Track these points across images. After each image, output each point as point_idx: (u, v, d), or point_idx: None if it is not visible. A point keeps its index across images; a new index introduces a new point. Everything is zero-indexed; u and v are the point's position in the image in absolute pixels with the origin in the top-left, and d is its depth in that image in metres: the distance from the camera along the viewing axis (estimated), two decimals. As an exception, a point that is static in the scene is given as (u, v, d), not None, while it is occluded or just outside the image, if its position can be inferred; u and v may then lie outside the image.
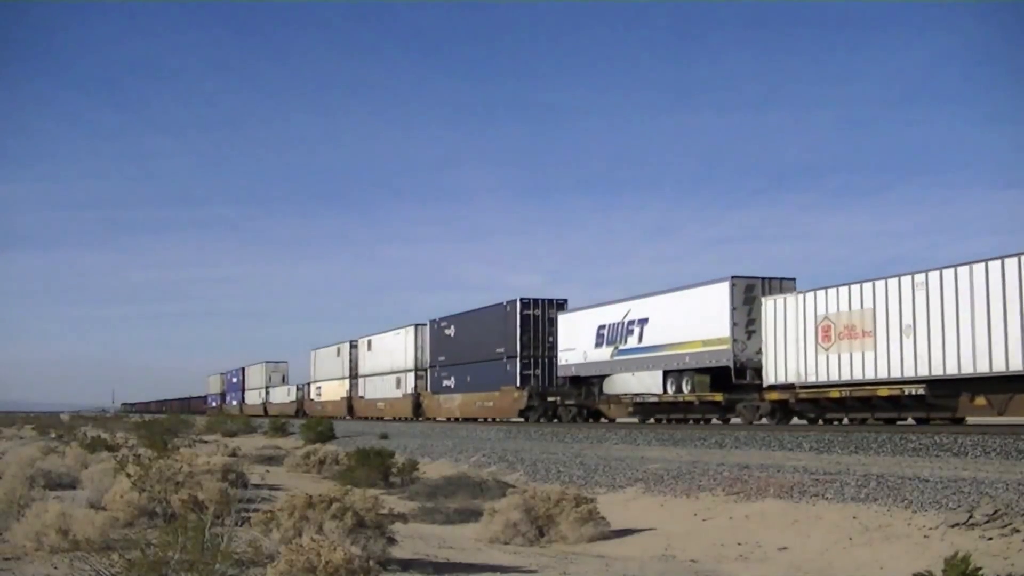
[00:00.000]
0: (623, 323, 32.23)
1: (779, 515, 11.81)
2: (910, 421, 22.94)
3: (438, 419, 45.58)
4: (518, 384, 37.53)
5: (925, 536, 9.83)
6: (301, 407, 71.25)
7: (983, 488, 10.87)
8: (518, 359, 37.80)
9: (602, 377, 33.57)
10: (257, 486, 17.62)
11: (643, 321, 31.09)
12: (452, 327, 44.95)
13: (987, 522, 9.52)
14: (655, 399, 30.52)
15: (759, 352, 26.41)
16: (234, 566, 6.75)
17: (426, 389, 47.73)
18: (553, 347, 37.10)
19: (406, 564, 9.02)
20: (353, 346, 59.95)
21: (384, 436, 31.54)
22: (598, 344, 33.57)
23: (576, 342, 35.01)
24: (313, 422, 39.66)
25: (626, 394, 32.41)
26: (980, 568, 6.76)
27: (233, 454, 25.28)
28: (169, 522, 9.67)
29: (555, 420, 36.56)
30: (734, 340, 26.77)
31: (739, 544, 10.95)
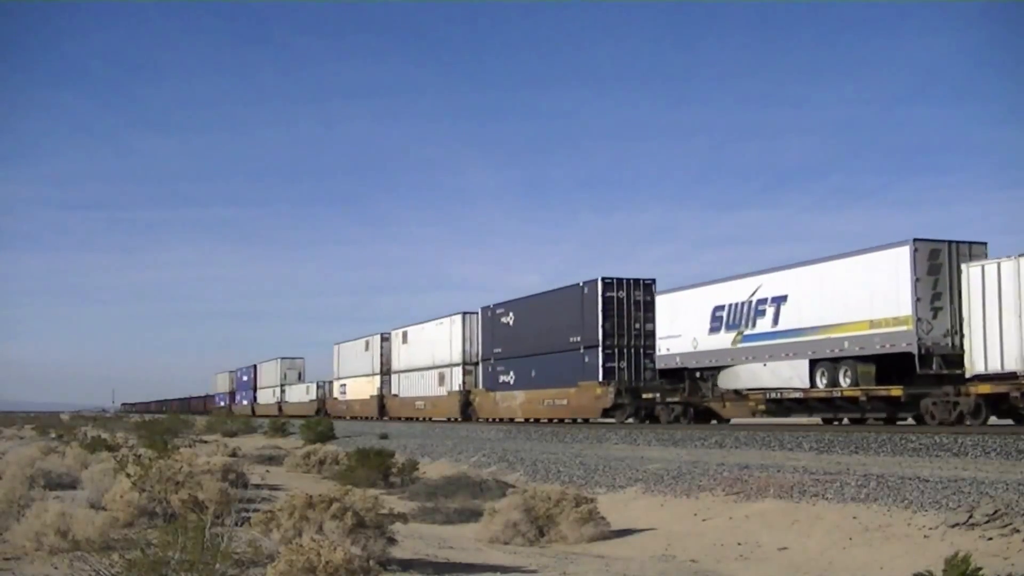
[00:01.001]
0: (750, 303, 26.45)
1: (779, 515, 11.81)
2: (910, 421, 22.66)
3: (493, 420, 39.42)
4: (601, 378, 31.73)
5: (925, 536, 9.83)
6: (322, 407, 65.68)
7: (983, 488, 10.87)
8: (599, 349, 31.91)
9: (717, 369, 27.88)
10: (257, 486, 17.62)
11: (779, 299, 25.40)
12: (511, 314, 38.89)
13: (987, 522, 9.51)
14: (798, 395, 24.84)
15: (948, 333, 21.37)
16: (234, 566, 6.75)
17: (476, 386, 41.98)
18: (641, 335, 31.91)
19: (406, 564, 9.02)
20: (385, 339, 54.00)
21: (384, 436, 31.55)
22: (714, 329, 27.73)
23: (682, 327, 29.10)
24: (313, 422, 39.62)
25: (755, 389, 26.49)
26: (980, 568, 6.76)
27: (233, 454, 25.29)
28: (169, 522, 9.67)
29: (647, 421, 30.87)
30: (918, 319, 21.46)
31: (739, 544, 10.95)
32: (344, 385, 61.38)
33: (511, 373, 38.74)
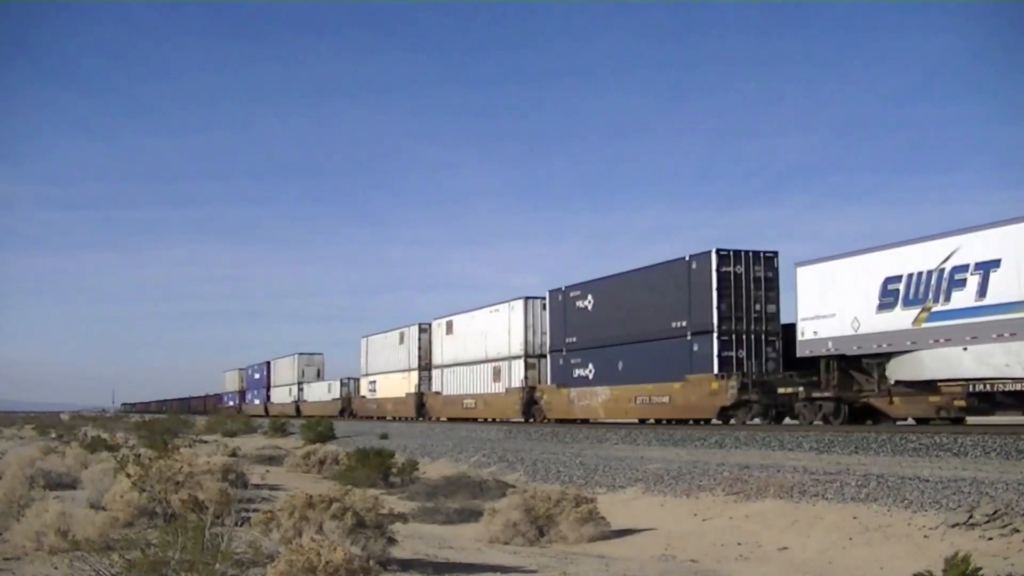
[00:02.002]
0: (942, 271, 21.41)
1: (779, 515, 11.81)
2: (910, 421, 22.42)
3: (568, 420, 33.65)
4: (717, 370, 26.18)
5: (925, 536, 9.83)
6: (348, 406, 60.35)
7: (983, 488, 10.86)
8: (714, 335, 26.31)
9: (887, 356, 22.61)
10: (257, 486, 17.62)
11: (988, 265, 20.46)
12: (590, 298, 32.91)
13: (987, 522, 9.52)
14: (1018, 386, 19.81)
15: None
16: (234, 566, 6.75)
17: (542, 381, 36.07)
18: (762, 318, 26.63)
19: (406, 564, 9.02)
20: (423, 330, 47.88)
21: (384, 436, 31.55)
22: (886, 306, 22.62)
23: (836, 305, 23.83)
24: (313, 422, 39.46)
25: (949, 380, 21.28)
26: (980, 568, 6.75)
27: (233, 454, 25.28)
28: (169, 522, 9.67)
29: (777, 421, 25.53)
30: None
31: (739, 544, 10.95)
32: (373, 382, 55.00)
33: (590, 366, 32.52)
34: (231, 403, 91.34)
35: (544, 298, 36.48)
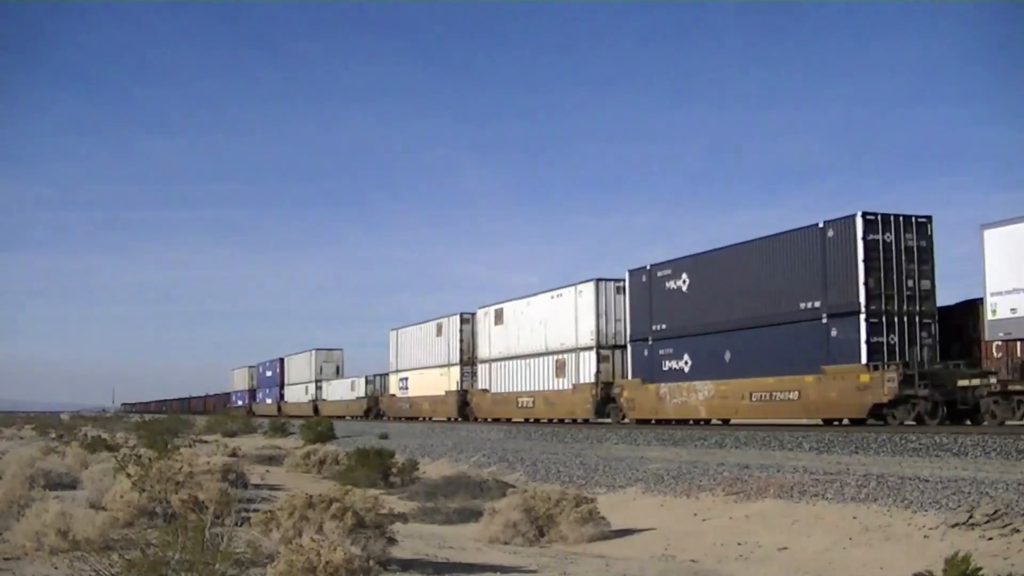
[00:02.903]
0: None
1: (779, 515, 11.81)
2: (910, 421, 22.31)
3: (657, 420, 28.52)
4: (865, 359, 21.67)
5: (925, 536, 9.83)
6: (375, 405, 55.37)
7: (983, 488, 10.87)
8: (861, 317, 21.88)
9: None
10: (257, 486, 17.62)
11: None
12: (684, 277, 27.53)
13: (987, 522, 9.52)
14: None
15: None
16: (234, 566, 6.74)
17: (618, 375, 31.04)
18: (915, 296, 22.16)
19: (406, 564, 9.01)
20: (465, 320, 42.73)
21: (384, 436, 31.54)
22: None
23: None
24: (313, 422, 39.30)
25: None
26: (980, 568, 6.75)
27: (233, 454, 25.27)
28: (169, 522, 9.66)
29: (946, 420, 20.75)
30: None
31: (739, 544, 10.95)
32: (405, 379, 49.38)
33: (685, 357, 27.42)
34: (240, 402, 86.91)
35: (620, 280, 31.30)
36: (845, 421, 23.11)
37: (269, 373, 79.02)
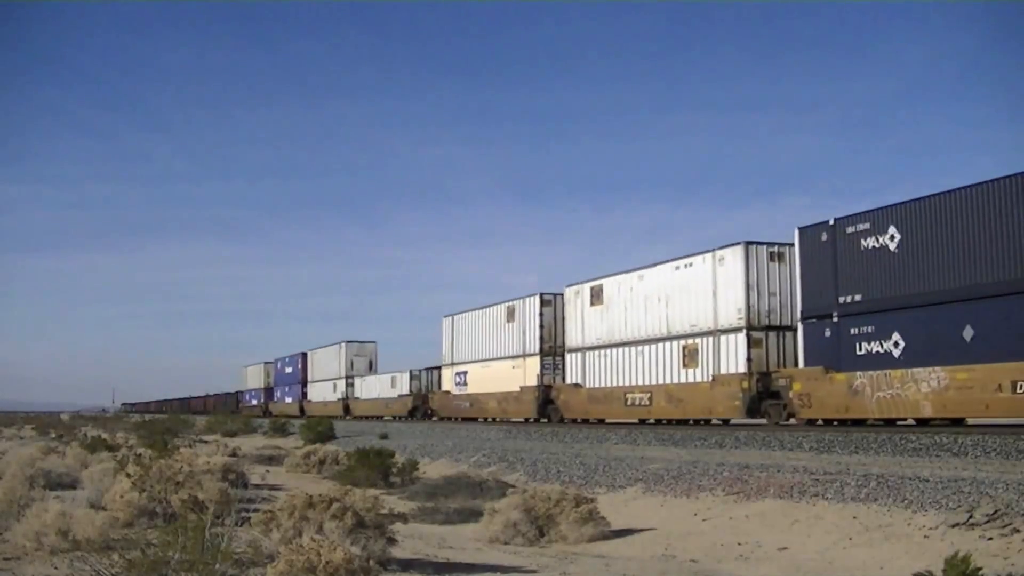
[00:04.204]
0: None
1: (779, 515, 11.82)
2: (910, 421, 22.17)
3: (848, 421, 21.77)
4: None
5: (925, 536, 9.83)
6: (422, 404, 49.12)
7: (983, 488, 10.87)
8: None
9: None
10: (257, 486, 17.63)
11: None
12: (892, 231, 20.86)
13: (987, 522, 9.52)
14: None
15: None
16: (234, 566, 6.75)
17: (779, 363, 24.35)
18: None
19: (406, 564, 9.01)
20: (547, 302, 35.62)
21: (384, 436, 31.55)
22: None
23: None
24: (313, 422, 39.11)
25: None
26: (980, 568, 6.75)
27: (233, 454, 25.29)
28: (169, 522, 9.67)
29: None
30: None
31: (739, 544, 10.95)
32: (463, 374, 42.38)
33: (894, 337, 20.72)
34: (255, 402, 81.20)
35: (773, 244, 25.05)
36: None
37: (289, 369, 72.58)
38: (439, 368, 46.51)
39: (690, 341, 26.75)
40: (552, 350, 35.28)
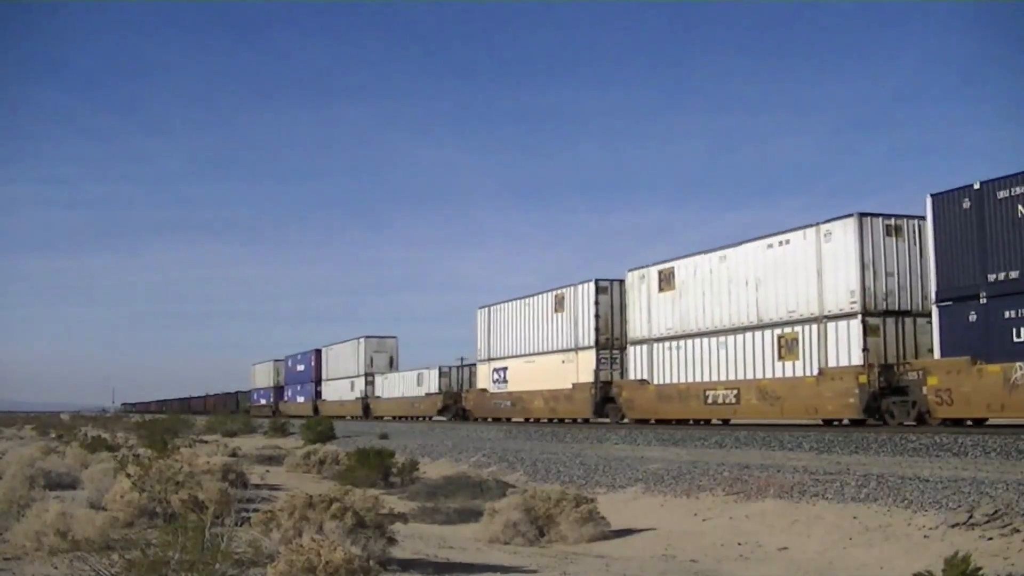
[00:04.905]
0: None
1: (779, 515, 11.82)
2: (910, 421, 22.21)
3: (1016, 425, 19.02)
4: None
5: (925, 536, 9.83)
6: (455, 403, 45.10)
7: (983, 488, 10.87)
8: None
9: None
10: (257, 486, 17.63)
11: None
12: None
13: (987, 522, 9.52)
14: None
15: None
16: (234, 566, 6.74)
17: (890, 354, 21.16)
18: None
19: (406, 564, 9.02)
20: (603, 289, 31.75)
21: (384, 436, 31.55)
22: None
23: None
24: (313, 422, 39.02)
25: None
26: (980, 568, 6.75)
27: (233, 454, 25.27)
28: (169, 522, 9.67)
29: None
30: None
31: (739, 544, 10.95)
32: (502, 370, 38.55)
33: None
34: (263, 401, 78.08)
35: (889, 216, 21.82)
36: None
37: (301, 367, 68.96)
38: (471, 365, 43.55)
39: (788, 330, 23.27)
40: (609, 343, 31.63)
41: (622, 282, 30.91)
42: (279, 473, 22.28)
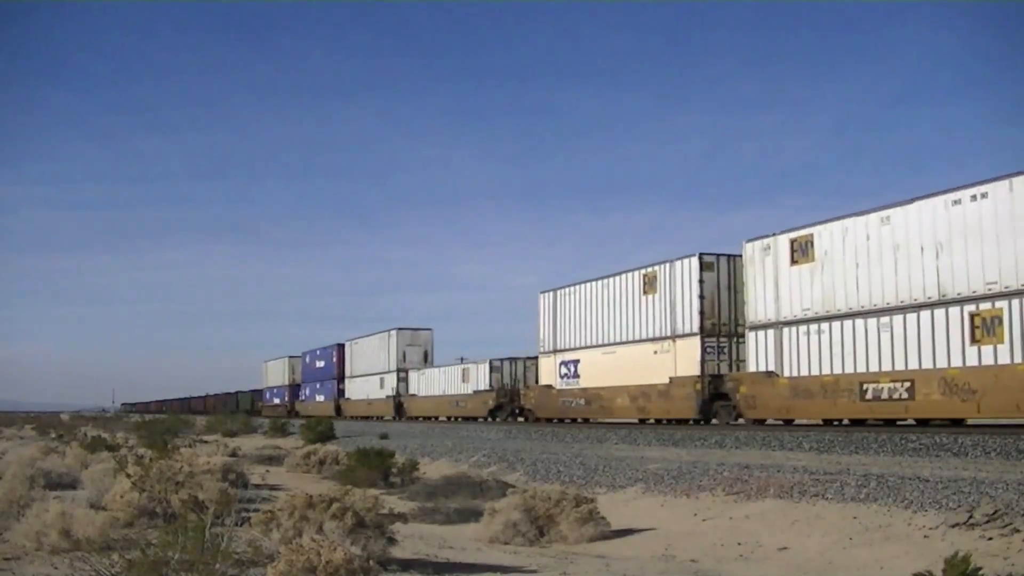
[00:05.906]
0: None
1: (779, 515, 11.81)
2: (910, 421, 22.13)
3: None
4: None
5: (925, 536, 9.83)
6: (510, 402, 40.24)
7: (983, 488, 10.87)
8: None
9: None
10: (257, 486, 17.62)
11: None
12: None
13: (987, 522, 9.52)
14: None
15: None
16: (234, 566, 6.75)
17: None
18: None
19: (406, 564, 9.02)
20: (708, 265, 27.14)
21: (384, 436, 31.53)
22: None
23: None
24: (313, 421, 38.75)
25: None
26: (980, 568, 6.75)
27: (233, 454, 25.29)
28: (169, 522, 9.67)
29: None
30: None
31: (739, 544, 10.95)
32: (573, 363, 33.39)
33: None
34: (276, 401, 73.39)
35: None
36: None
37: (321, 363, 63.50)
38: (531, 358, 38.56)
39: (983, 306, 18.65)
40: (716, 328, 26.78)
41: (732, 257, 26.67)
42: (279, 473, 22.28)
